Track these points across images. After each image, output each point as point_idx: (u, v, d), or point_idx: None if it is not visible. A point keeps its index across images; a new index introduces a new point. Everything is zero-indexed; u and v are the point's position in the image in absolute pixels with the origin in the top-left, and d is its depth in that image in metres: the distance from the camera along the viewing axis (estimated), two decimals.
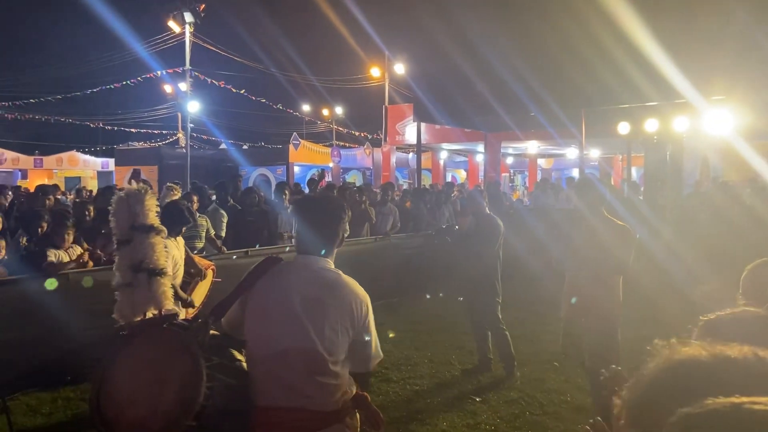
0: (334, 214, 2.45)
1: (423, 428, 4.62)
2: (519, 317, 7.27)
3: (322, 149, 27.98)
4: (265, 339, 2.25)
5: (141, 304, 2.28)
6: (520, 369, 5.82)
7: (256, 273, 2.35)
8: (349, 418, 2.34)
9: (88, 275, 5.76)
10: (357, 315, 2.32)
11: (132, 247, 2.33)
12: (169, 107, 35.78)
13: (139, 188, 2.40)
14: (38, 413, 4.96)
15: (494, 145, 16.61)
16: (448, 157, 22.62)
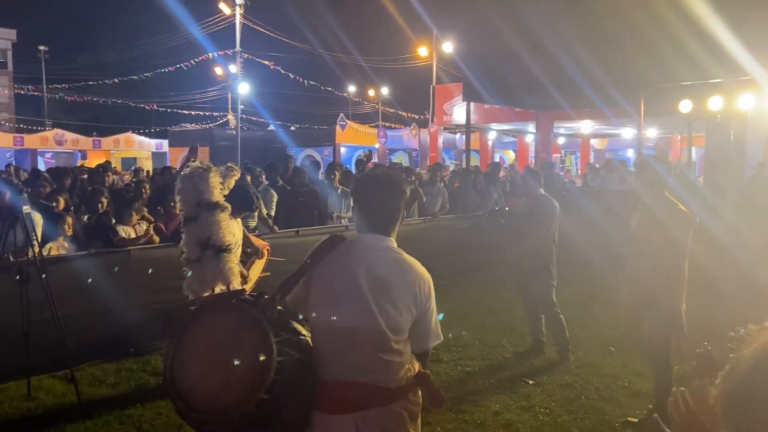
0: (397, 192, 2.43)
1: (475, 409, 4.61)
2: (574, 301, 7.15)
3: (368, 130, 28.00)
4: (330, 316, 2.28)
5: (209, 279, 2.33)
6: (575, 353, 5.73)
7: (321, 251, 2.37)
8: (412, 395, 2.36)
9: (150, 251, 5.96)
10: (420, 295, 2.33)
11: (199, 225, 2.37)
12: (220, 89, 36.41)
13: (203, 166, 2.44)
14: (103, 383, 5.17)
15: (546, 124, 16.26)
16: (496, 137, 22.27)
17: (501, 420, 4.42)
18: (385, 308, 2.26)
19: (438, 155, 20.31)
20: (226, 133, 27.21)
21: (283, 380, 2.06)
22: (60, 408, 4.65)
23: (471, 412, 4.52)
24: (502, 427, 4.30)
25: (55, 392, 4.92)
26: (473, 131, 15.70)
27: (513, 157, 25.75)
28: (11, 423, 4.36)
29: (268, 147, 23.75)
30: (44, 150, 26.30)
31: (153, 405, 4.66)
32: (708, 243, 7.53)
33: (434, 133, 20.66)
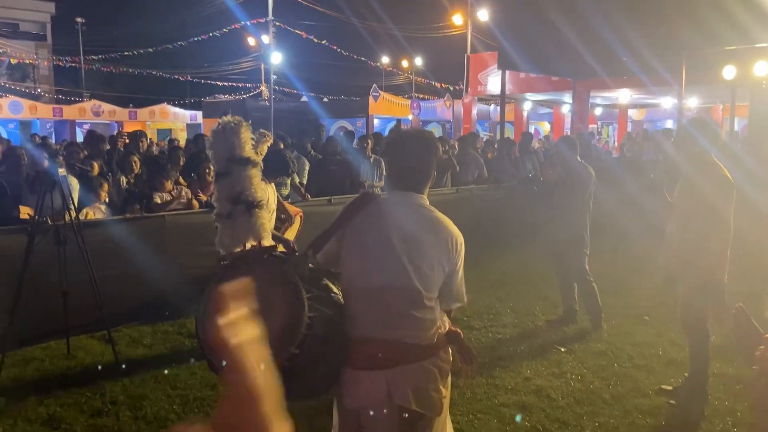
0: (429, 149, 2.41)
1: (506, 375, 4.59)
2: (607, 271, 7.03)
3: (401, 101, 27.74)
4: (363, 274, 2.28)
5: (240, 235, 2.33)
6: (608, 322, 5.65)
7: (354, 208, 2.36)
8: (443, 352, 2.36)
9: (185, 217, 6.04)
10: (452, 252, 2.32)
11: (230, 180, 2.36)
12: (253, 59, 36.45)
13: (235, 120, 2.42)
14: (140, 344, 5.30)
15: (582, 94, 15.85)
16: (531, 108, 21.86)
17: (532, 385, 4.39)
18: (418, 265, 2.25)
19: (472, 126, 20.03)
20: (259, 104, 27.30)
21: (315, 336, 2.07)
22: (98, 366, 4.78)
23: (501, 378, 4.51)
24: (532, 393, 4.28)
25: (94, 351, 5.07)
26: (508, 102, 15.37)
27: (548, 128, 25.27)
28: (53, 380, 4.51)
29: (301, 118, 23.71)
30: (82, 121, 26.78)
31: (187, 366, 4.76)
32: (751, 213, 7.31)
33: (468, 104, 20.36)
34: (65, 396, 4.22)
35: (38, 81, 40.24)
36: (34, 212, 4.72)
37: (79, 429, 3.78)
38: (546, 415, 3.97)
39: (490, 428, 3.80)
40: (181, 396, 4.25)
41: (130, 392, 4.31)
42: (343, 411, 2.36)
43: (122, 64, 33.42)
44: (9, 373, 4.54)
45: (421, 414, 2.29)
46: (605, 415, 3.97)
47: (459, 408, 3.94)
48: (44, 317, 5.01)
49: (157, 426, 3.84)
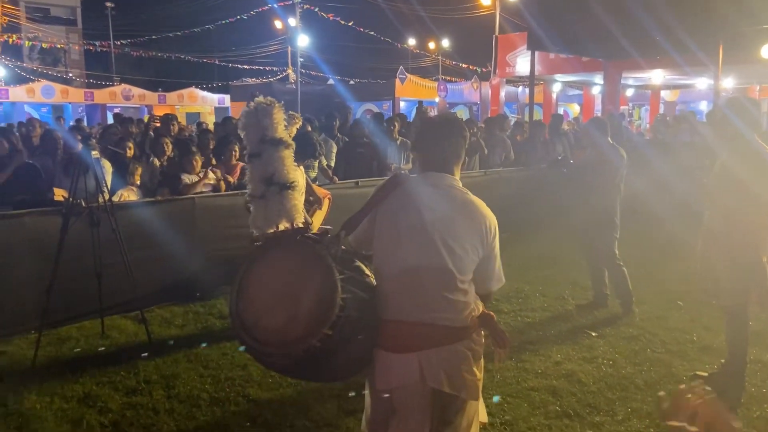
0: (458, 131, 2.40)
1: (536, 359, 4.55)
2: (640, 255, 6.91)
3: (428, 83, 27.50)
4: (396, 255, 2.26)
5: (273, 216, 2.33)
6: (640, 306, 5.56)
7: (386, 190, 2.34)
8: (476, 335, 2.35)
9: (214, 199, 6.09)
10: (486, 234, 2.29)
11: (262, 161, 2.35)
12: (280, 42, 36.47)
13: (267, 101, 2.40)
14: (172, 325, 5.38)
15: (613, 75, 15.48)
16: (561, 90, 21.45)
17: (562, 370, 4.35)
18: (452, 247, 2.23)
19: (500, 109, 19.75)
20: (286, 87, 27.36)
21: (348, 317, 2.06)
22: (132, 346, 4.88)
23: (531, 362, 4.47)
24: (563, 377, 4.23)
25: (127, 331, 5.16)
26: (537, 83, 15.11)
27: (577, 110, 24.82)
28: (88, 359, 4.60)
29: (328, 101, 23.71)
30: (113, 105, 27.15)
31: (219, 346, 4.83)
32: None
33: (496, 86, 20.06)
34: (100, 374, 4.31)
35: (69, 65, 40.88)
36: (68, 195, 4.79)
37: (115, 407, 3.86)
38: (577, 400, 3.93)
39: (520, 412, 3.78)
40: (212, 376, 4.31)
41: (163, 371, 4.38)
42: (375, 393, 2.36)
43: (151, 48, 33.73)
44: (45, 351, 4.65)
45: (455, 396, 2.28)
46: (638, 401, 3.91)
47: (488, 391, 3.92)
48: (79, 298, 5.11)
49: (190, 405, 3.90)
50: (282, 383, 4.17)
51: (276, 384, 4.17)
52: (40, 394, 4.01)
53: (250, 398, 4.00)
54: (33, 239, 4.97)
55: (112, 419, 3.72)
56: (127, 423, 3.68)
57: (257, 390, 4.10)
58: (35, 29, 37.69)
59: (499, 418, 3.70)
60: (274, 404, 3.91)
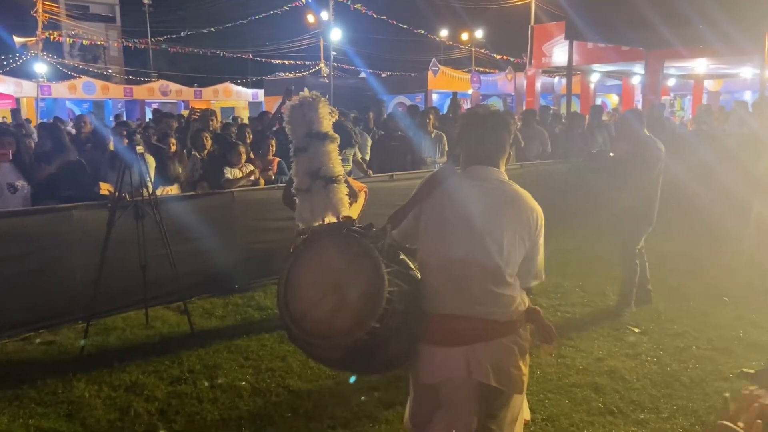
0: (504, 125, 2.37)
1: (577, 355, 4.50)
2: (684, 249, 6.76)
3: (461, 75, 27.27)
4: (442, 249, 2.26)
5: (319, 209, 2.35)
6: (685, 303, 5.44)
7: (432, 184, 2.34)
8: (522, 330, 2.33)
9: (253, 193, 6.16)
10: (533, 227, 2.27)
11: (309, 155, 2.37)
12: (312, 36, 36.64)
13: (312, 95, 2.41)
14: (212, 316, 5.47)
15: (654, 64, 15.11)
16: (599, 80, 21.04)
17: (604, 366, 4.28)
18: (499, 240, 2.21)
19: (535, 100, 19.51)
20: (319, 81, 27.48)
21: (394, 310, 2.07)
22: (175, 336, 4.98)
23: (572, 358, 4.42)
24: (605, 374, 4.17)
25: (170, 322, 5.27)
26: (574, 74, 14.87)
27: (616, 101, 24.32)
28: (134, 348, 4.72)
29: (360, 94, 23.75)
30: (151, 100, 27.67)
31: (258, 337, 4.89)
32: None
33: (531, 77, 19.79)
34: (145, 364, 4.41)
35: (108, 62, 41.77)
36: (114, 189, 4.91)
37: (160, 395, 3.95)
38: (620, 397, 3.86)
39: (561, 408, 3.74)
40: (253, 366, 4.37)
41: (206, 361, 4.46)
42: (420, 386, 2.36)
43: (187, 45, 34.27)
44: (93, 341, 4.78)
45: (500, 390, 2.27)
46: (683, 398, 3.84)
47: (529, 388, 3.86)
48: (124, 289, 5.23)
49: (233, 394, 3.96)
50: (321, 375, 4.21)
51: (315, 375, 4.21)
52: (89, 382, 4.12)
53: (291, 389, 4.05)
54: (80, 232, 5.10)
55: (159, 407, 3.81)
56: (173, 411, 3.76)
57: (297, 381, 4.14)
58: (75, 26, 38.57)
59: (540, 414, 3.67)
60: (314, 395, 3.95)
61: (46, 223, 5.06)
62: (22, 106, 24.46)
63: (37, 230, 4.98)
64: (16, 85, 24.59)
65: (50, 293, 5.02)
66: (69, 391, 4.00)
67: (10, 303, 4.83)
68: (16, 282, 4.83)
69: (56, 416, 3.71)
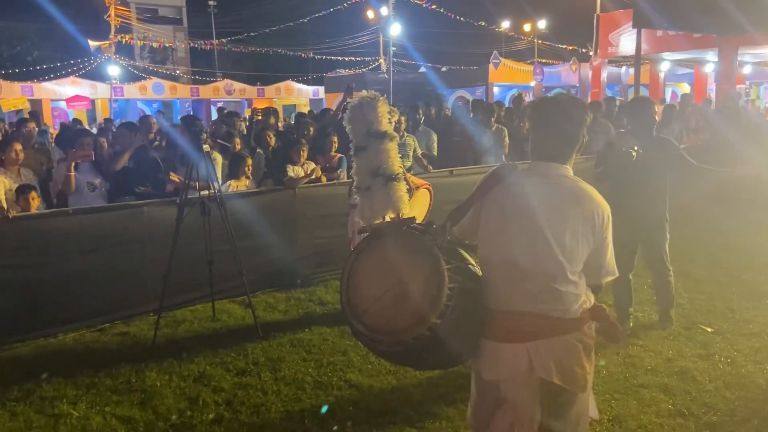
0: (577, 117, 2.28)
1: (645, 354, 4.35)
2: (761, 245, 6.40)
3: (523, 67, 26.77)
4: (503, 247, 2.23)
5: (380, 207, 2.38)
6: (762, 301, 5.17)
7: (492, 180, 2.31)
8: (587, 327, 2.28)
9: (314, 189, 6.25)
10: (598, 223, 2.21)
11: (368, 154, 2.40)
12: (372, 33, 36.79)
13: (372, 95, 2.44)
14: (275, 310, 5.60)
15: (729, 51, 14.40)
16: (669, 69, 20.20)
17: (675, 367, 4.13)
18: (561, 237, 2.16)
19: (601, 91, 18.91)
20: (378, 77, 27.57)
21: (455, 306, 2.07)
22: (240, 329, 5.12)
23: (641, 357, 4.28)
24: (675, 374, 4.02)
25: (236, 315, 5.43)
26: (643, 63, 14.32)
27: (688, 90, 23.30)
28: (201, 340, 4.88)
29: (420, 89, 23.69)
30: (216, 99, 28.55)
31: (320, 331, 4.97)
32: None
33: (597, 67, 19.19)
34: (212, 356, 4.56)
35: (176, 63, 43.26)
36: (182, 186, 5.08)
37: (227, 386, 4.07)
38: (692, 399, 3.71)
39: (629, 410, 3.63)
40: (315, 360, 4.45)
41: (269, 354, 4.57)
42: (482, 383, 2.34)
43: (250, 44, 35.08)
44: (163, 333, 4.98)
45: (563, 388, 2.22)
46: (760, 401, 3.66)
47: (595, 387, 3.77)
48: (192, 283, 5.43)
49: (296, 387, 4.04)
50: (382, 370, 4.24)
51: (376, 371, 4.24)
52: (160, 372, 4.30)
53: (352, 383, 4.09)
54: (151, 228, 5.32)
55: (225, 398, 3.93)
56: (239, 402, 3.87)
57: (358, 376, 4.19)
58: (145, 29, 40.12)
59: (607, 414, 3.57)
60: (375, 390, 3.98)
61: (120, 219, 5.30)
62: (97, 107, 25.72)
63: (111, 226, 5.23)
64: (91, 87, 25.86)
65: (124, 286, 5.26)
66: (141, 380, 4.19)
67: (86, 295, 5.09)
68: (93, 276, 5.08)
69: (130, 404, 3.88)
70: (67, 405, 3.86)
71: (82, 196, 5.67)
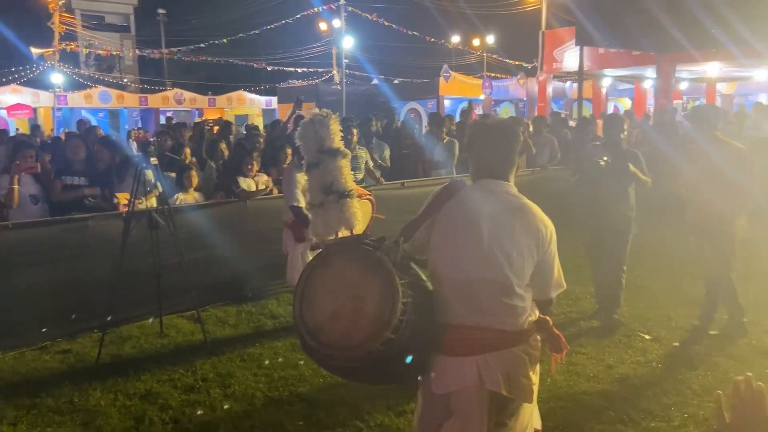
0: (515, 137, 2.41)
1: (587, 362, 4.50)
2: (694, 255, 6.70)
3: (473, 81, 27.24)
4: (454, 262, 2.30)
5: (333, 224, 2.41)
6: (696, 309, 5.41)
7: (443, 197, 2.38)
8: (533, 339, 2.37)
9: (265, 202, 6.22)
10: (542, 239, 2.32)
11: (321, 171, 2.44)
12: (324, 44, 36.85)
13: (324, 113, 2.49)
14: (226, 324, 5.54)
15: (666, 68, 15.07)
16: (611, 85, 20.98)
17: (615, 374, 4.29)
18: (509, 253, 2.26)
19: (547, 105, 19.48)
20: (331, 88, 27.58)
21: (409, 321, 2.11)
22: (189, 344, 5.05)
23: (583, 365, 4.43)
24: (616, 381, 4.18)
25: (184, 331, 5.34)
26: (585, 78, 14.83)
27: (629, 105, 24.20)
28: (148, 357, 4.79)
29: (372, 101, 23.80)
30: (165, 109, 27.96)
31: (271, 345, 4.95)
32: None
33: (543, 82, 19.78)
34: (160, 372, 4.48)
35: (124, 71, 42.22)
36: (129, 200, 4.99)
37: (174, 404, 4.01)
38: (631, 405, 3.86)
39: (572, 417, 3.75)
40: (266, 375, 4.42)
41: (219, 370, 4.52)
42: (430, 396, 2.39)
43: (201, 53, 34.60)
44: (108, 350, 4.86)
45: (510, 399, 2.30)
46: (694, 406, 3.83)
47: (539, 396, 3.86)
48: (139, 298, 5.31)
49: (246, 403, 4.01)
50: (334, 383, 4.25)
51: (328, 384, 4.25)
52: (104, 391, 4.19)
53: (303, 397, 4.09)
54: (96, 242, 5.20)
55: (173, 416, 3.86)
56: (187, 420, 3.81)
57: (310, 389, 4.19)
58: (91, 36, 39.05)
59: (551, 422, 3.66)
60: (327, 404, 3.99)
61: (63, 233, 5.16)
62: (39, 116, 24.83)
63: (54, 241, 5.09)
64: (33, 95, 24.95)
65: (67, 302, 5.11)
66: (85, 399, 4.08)
67: (27, 312, 4.93)
68: (34, 291, 4.92)
69: (73, 424, 3.78)
70: (6, 426, 3.72)
71: (23, 209, 5.50)
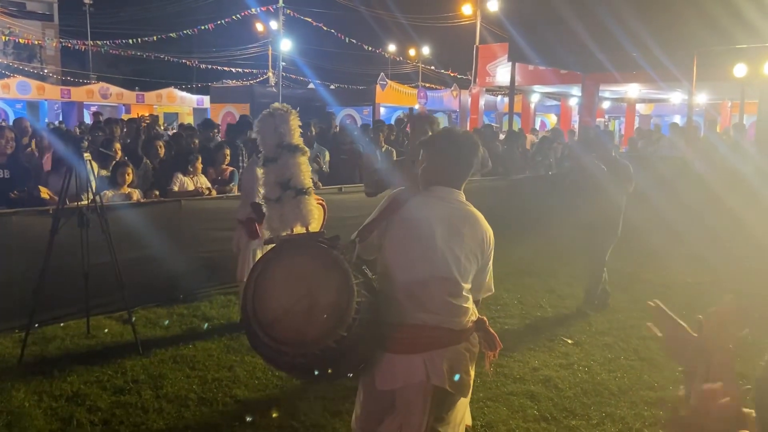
0: (475, 149, 2.54)
1: (514, 364, 4.71)
2: (617, 267, 7.12)
3: (408, 90, 27.67)
4: (406, 264, 2.41)
5: (289, 219, 2.41)
6: (615, 315, 5.77)
7: (397, 202, 2.47)
8: (472, 337, 2.52)
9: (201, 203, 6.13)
10: (485, 246, 2.48)
11: (278, 166, 2.43)
12: (261, 46, 36.44)
13: (284, 108, 2.48)
14: (157, 326, 5.42)
15: (591, 87, 15.88)
16: (539, 100, 21.85)
17: (540, 375, 4.51)
18: (458, 256, 2.40)
19: (479, 117, 20.05)
20: (266, 90, 27.34)
21: (361, 320, 2.18)
22: (118, 346, 4.91)
23: (510, 367, 4.63)
24: (540, 382, 4.40)
25: (113, 332, 5.20)
26: (516, 93, 15.40)
27: (555, 121, 25.26)
28: (75, 358, 4.63)
29: (309, 105, 23.69)
30: (90, 103, 26.85)
31: (204, 347, 4.90)
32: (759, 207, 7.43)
33: (476, 95, 20.34)
34: (87, 374, 4.34)
35: (45, 62, 40.23)
36: (59, 196, 4.82)
37: (104, 405, 3.91)
38: (554, 405, 4.09)
39: (499, 415, 3.93)
40: (199, 377, 4.38)
41: (150, 372, 4.43)
42: (373, 392, 2.48)
43: (130, 47, 33.45)
44: (31, 350, 4.67)
45: (450, 394, 2.44)
46: (612, 406, 4.09)
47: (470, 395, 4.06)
48: (65, 297, 5.13)
49: (178, 405, 3.96)
50: (268, 384, 4.27)
51: (262, 385, 4.26)
52: (28, 392, 4.03)
53: (238, 399, 4.08)
54: (20, 238, 4.99)
55: (102, 417, 3.77)
56: (117, 421, 3.73)
57: (244, 391, 4.18)
58: (11, 24, 37.02)
59: (480, 420, 3.84)
60: (261, 405, 4.00)
61: None
62: None
63: None
64: None
65: None
66: (8, 401, 3.91)
67: None
68: None
69: None
70: None
71: None
